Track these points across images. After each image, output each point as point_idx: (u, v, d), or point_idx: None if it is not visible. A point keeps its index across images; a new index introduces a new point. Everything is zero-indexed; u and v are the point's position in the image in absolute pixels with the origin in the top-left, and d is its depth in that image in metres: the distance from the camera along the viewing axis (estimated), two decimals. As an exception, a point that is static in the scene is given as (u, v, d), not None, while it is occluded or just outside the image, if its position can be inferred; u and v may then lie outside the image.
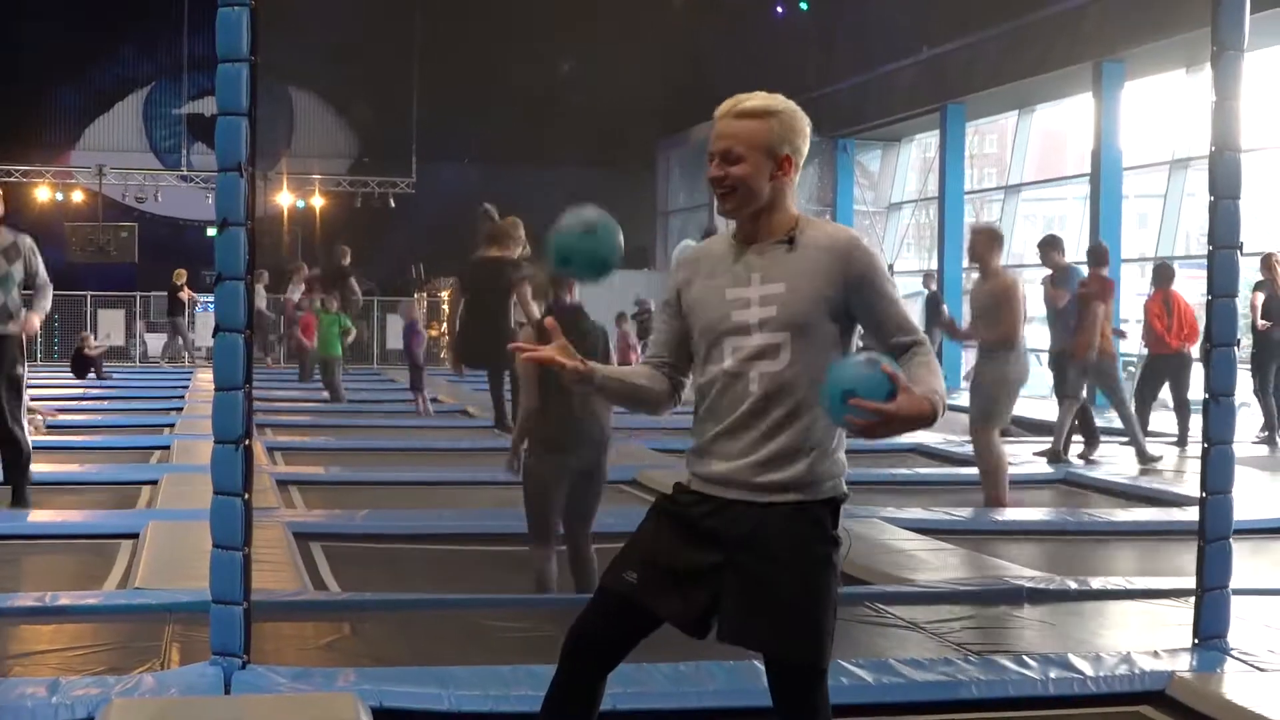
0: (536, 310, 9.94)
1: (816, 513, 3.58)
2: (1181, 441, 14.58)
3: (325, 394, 20.08)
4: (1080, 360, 13.18)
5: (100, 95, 35.98)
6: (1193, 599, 6.02)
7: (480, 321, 10.29)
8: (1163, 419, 15.04)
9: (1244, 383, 14.67)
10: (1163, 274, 14.85)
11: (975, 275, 11.15)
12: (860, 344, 3.68)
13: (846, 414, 3.34)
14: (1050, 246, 13.61)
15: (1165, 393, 14.76)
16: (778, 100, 3.65)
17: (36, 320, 9.41)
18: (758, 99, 3.63)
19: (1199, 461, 5.92)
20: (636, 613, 3.65)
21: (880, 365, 3.38)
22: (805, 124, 3.66)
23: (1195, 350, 14.42)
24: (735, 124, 3.61)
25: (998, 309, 10.19)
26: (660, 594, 3.61)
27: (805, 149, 3.67)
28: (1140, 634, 6.55)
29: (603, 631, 3.70)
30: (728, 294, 3.61)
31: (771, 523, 3.54)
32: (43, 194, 34.41)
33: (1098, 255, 13.64)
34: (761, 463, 3.56)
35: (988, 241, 10.49)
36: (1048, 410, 14.75)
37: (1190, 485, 11.54)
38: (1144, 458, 13.22)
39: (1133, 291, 20.56)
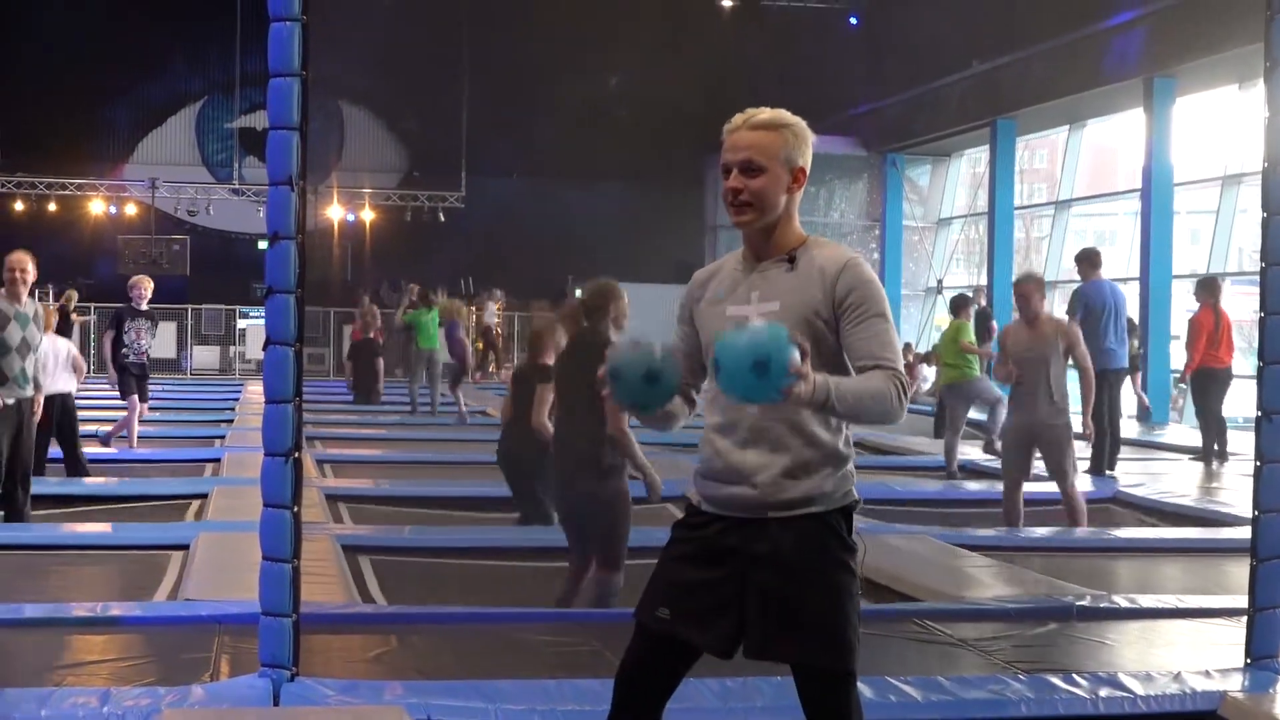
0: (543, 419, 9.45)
1: (831, 521, 3.58)
2: (1212, 456, 14.51)
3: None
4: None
5: (153, 110, 36.37)
6: (1245, 618, 5.97)
7: (519, 426, 9.81)
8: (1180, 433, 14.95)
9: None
10: (1211, 287, 14.74)
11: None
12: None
13: (782, 384, 3.27)
14: (1086, 262, 13.48)
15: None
16: (787, 114, 3.66)
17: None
18: (768, 112, 3.65)
19: (1250, 479, 5.87)
20: (675, 646, 3.66)
21: (782, 329, 3.35)
22: (812, 138, 3.68)
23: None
24: (752, 135, 3.63)
25: (1059, 355, 9.85)
26: (693, 625, 3.61)
27: (810, 163, 3.69)
28: (1191, 653, 6.49)
29: (647, 668, 3.72)
30: (728, 310, 3.63)
31: (787, 536, 3.54)
32: (96, 207, 34.78)
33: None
34: (768, 483, 3.55)
35: (1040, 287, 10.10)
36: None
37: (1243, 503, 11.47)
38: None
39: (1183, 308, 20.43)
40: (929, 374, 24.29)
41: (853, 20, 31.52)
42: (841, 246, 3.67)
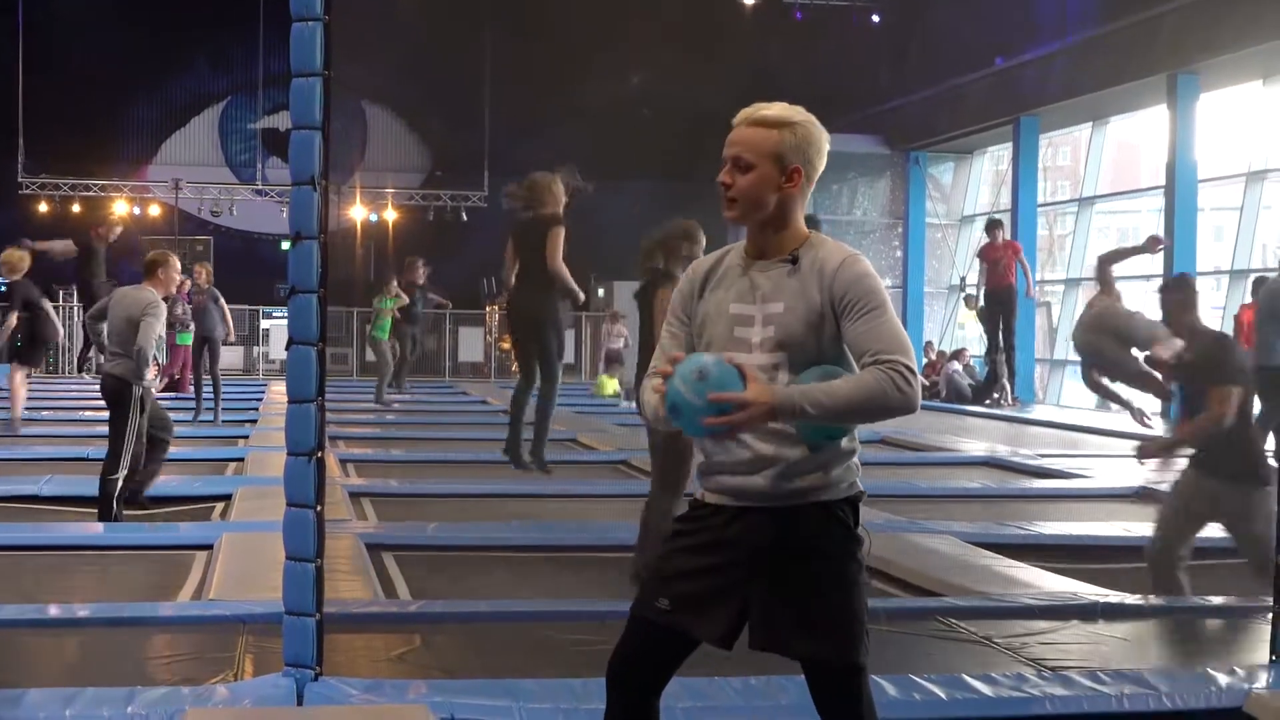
0: (560, 262, 9.96)
1: (837, 511, 3.57)
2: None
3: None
4: None
5: (177, 110, 36.45)
6: (1270, 615, 5.95)
7: (525, 281, 10.15)
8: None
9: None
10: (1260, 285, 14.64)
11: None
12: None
13: (705, 414, 3.35)
14: None
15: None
16: (797, 112, 3.61)
17: None
18: (776, 108, 3.61)
19: None
20: (674, 637, 3.65)
21: (721, 358, 3.42)
22: (823, 138, 3.62)
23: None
24: (748, 131, 3.60)
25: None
26: (694, 616, 3.60)
27: (820, 164, 3.63)
28: (1216, 650, 6.48)
29: (644, 658, 3.71)
30: (732, 309, 3.60)
31: (793, 526, 3.54)
32: (120, 208, 34.84)
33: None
34: (774, 474, 3.54)
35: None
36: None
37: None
38: None
39: (1208, 305, 20.34)
40: (957, 368, 24.25)
41: (875, 18, 31.46)
42: (841, 244, 3.64)
